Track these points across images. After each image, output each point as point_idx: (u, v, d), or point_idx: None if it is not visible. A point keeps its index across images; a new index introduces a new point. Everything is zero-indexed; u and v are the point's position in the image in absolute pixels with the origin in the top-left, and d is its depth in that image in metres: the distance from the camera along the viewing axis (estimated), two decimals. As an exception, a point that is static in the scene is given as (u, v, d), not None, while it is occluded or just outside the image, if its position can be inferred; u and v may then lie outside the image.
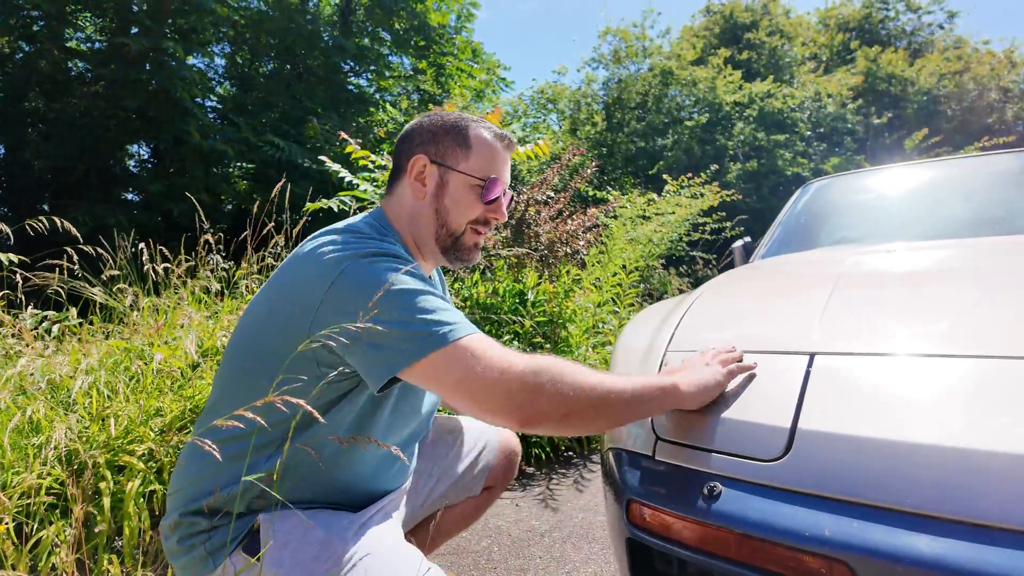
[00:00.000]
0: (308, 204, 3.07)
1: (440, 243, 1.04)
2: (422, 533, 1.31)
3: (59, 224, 2.07)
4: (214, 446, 0.80)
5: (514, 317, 3.09)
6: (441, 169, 1.03)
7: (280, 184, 2.57)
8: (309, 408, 0.78)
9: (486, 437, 1.40)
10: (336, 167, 3.03)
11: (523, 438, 2.68)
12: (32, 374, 1.89)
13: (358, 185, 2.99)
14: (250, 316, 0.97)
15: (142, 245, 2.36)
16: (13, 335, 2.18)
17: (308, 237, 0.99)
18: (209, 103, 11.59)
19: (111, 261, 2.35)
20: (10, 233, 2.00)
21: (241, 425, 0.82)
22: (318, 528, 0.89)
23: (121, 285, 2.39)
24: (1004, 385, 0.77)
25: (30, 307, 2.30)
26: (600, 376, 0.84)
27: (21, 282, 2.10)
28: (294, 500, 0.93)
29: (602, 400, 0.82)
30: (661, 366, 1.09)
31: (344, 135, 2.99)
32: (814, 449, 0.77)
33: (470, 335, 0.83)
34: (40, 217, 2.08)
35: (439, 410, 2.54)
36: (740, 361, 0.97)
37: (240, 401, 0.87)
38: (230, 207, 10.59)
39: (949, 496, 0.66)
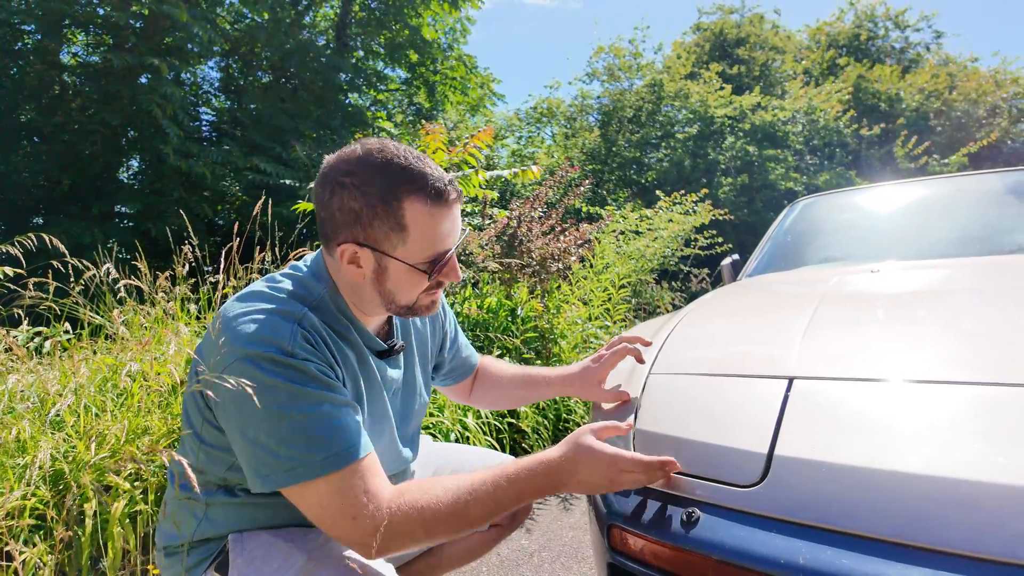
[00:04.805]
0: (299, 204, 3.32)
1: (392, 311, 0.96)
2: (421, 563, 1.28)
3: (47, 240, 2.07)
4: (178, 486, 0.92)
5: (501, 335, 3.10)
6: (376, 254, 0.89)
7: (259, 204, 2.61)
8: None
9: None
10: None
11: (515, 448, 2.67)
12: (23, 391, 1.88)
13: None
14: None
15: (108, 266, 2.33)
16: (7, 350, 2.17)
17: (232, 297, 0.93)
18: (204, 116, 11.63)
19: (86, 277, 2.34)
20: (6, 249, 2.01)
21: (184, 462, 0.89)
22: (283, 542, 0.91)
23: (122, 294, 2.38)
24: (983, 412, 0.78)
25: (24, 323, 2.29)
26: (456, 487, 0.84)
27: (27, 300, 2.10)
28: (265, 526, 0.95)
29: (455, 511, 0.83)
30: (644, 388, 1.10)
31: None
32: (790, 476, 0.77)
33: (331, 473, 0.80)
34: (29, 234, 2.09)
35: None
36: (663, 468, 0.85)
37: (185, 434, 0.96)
38: (222, 222, 10.59)
39: (923, 525, 0.66)
